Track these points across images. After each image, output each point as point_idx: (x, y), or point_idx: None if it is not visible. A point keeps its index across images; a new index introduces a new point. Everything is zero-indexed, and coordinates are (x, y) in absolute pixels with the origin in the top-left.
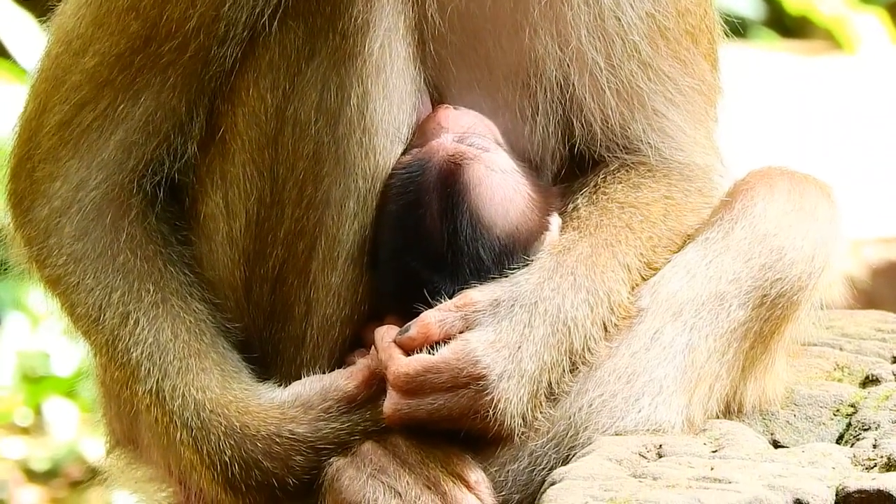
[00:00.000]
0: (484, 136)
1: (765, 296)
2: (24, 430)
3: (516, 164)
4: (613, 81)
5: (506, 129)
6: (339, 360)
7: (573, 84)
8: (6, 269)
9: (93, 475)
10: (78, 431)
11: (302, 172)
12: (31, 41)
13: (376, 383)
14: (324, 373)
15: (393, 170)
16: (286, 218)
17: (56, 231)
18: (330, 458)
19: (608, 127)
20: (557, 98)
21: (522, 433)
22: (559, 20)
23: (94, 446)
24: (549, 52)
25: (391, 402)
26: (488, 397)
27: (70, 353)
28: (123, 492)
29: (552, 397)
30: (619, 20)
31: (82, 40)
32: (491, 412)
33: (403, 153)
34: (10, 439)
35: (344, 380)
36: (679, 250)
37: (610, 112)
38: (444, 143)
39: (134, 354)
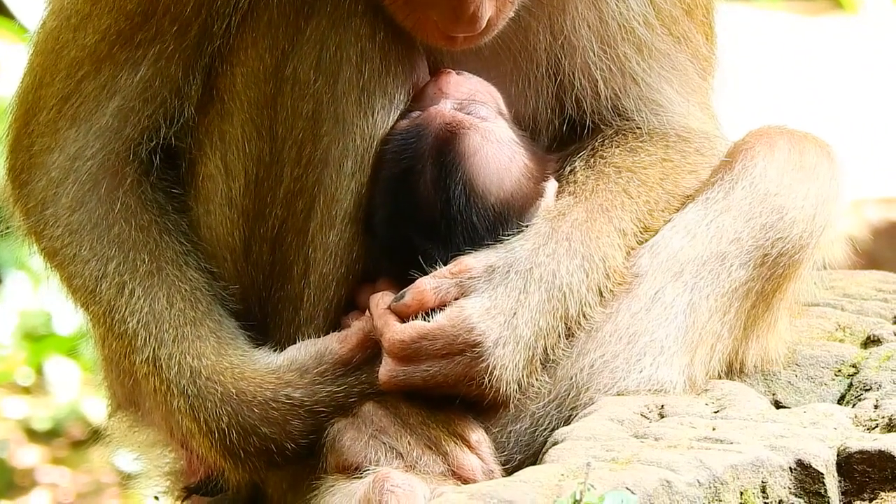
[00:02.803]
0: (485, 103)
1: (766, 255)
2: (26, 390)
3: (515, 133)
4: (606, 62)
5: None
6: (335, 321)
7: (564, 66)
8: (7, 229)
9: (94, 435)
10: (79, 391)
11: (301, 132)
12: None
13: (371, 346)
14: (319, 334)
15: (389, 134)
16: (285, 177)
17: (53, 202)
18: (327, 422)
19: (599, 103)
20: (549, 77)
21: (518, 399)
22: (554, 6)
23: (96, 406)
24: (540, 35)
25: (386, 369)
26: (483, 364)
27: (71, 313)
28: (125, 453)
29: (548, 363)
30: (618, 6)
31: (80, 16)
32: (486, 379)
33: (402, 117)
34: (12, 399)
35: (338, 343)
36: (678, 212)
37: (600, 90)
38: (442, 111)
39: (130, 324)
